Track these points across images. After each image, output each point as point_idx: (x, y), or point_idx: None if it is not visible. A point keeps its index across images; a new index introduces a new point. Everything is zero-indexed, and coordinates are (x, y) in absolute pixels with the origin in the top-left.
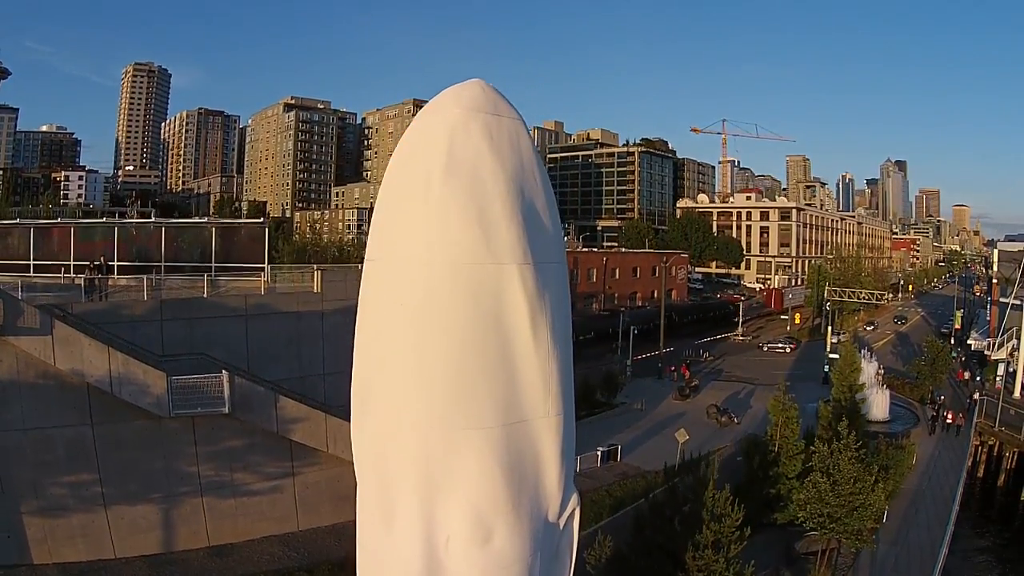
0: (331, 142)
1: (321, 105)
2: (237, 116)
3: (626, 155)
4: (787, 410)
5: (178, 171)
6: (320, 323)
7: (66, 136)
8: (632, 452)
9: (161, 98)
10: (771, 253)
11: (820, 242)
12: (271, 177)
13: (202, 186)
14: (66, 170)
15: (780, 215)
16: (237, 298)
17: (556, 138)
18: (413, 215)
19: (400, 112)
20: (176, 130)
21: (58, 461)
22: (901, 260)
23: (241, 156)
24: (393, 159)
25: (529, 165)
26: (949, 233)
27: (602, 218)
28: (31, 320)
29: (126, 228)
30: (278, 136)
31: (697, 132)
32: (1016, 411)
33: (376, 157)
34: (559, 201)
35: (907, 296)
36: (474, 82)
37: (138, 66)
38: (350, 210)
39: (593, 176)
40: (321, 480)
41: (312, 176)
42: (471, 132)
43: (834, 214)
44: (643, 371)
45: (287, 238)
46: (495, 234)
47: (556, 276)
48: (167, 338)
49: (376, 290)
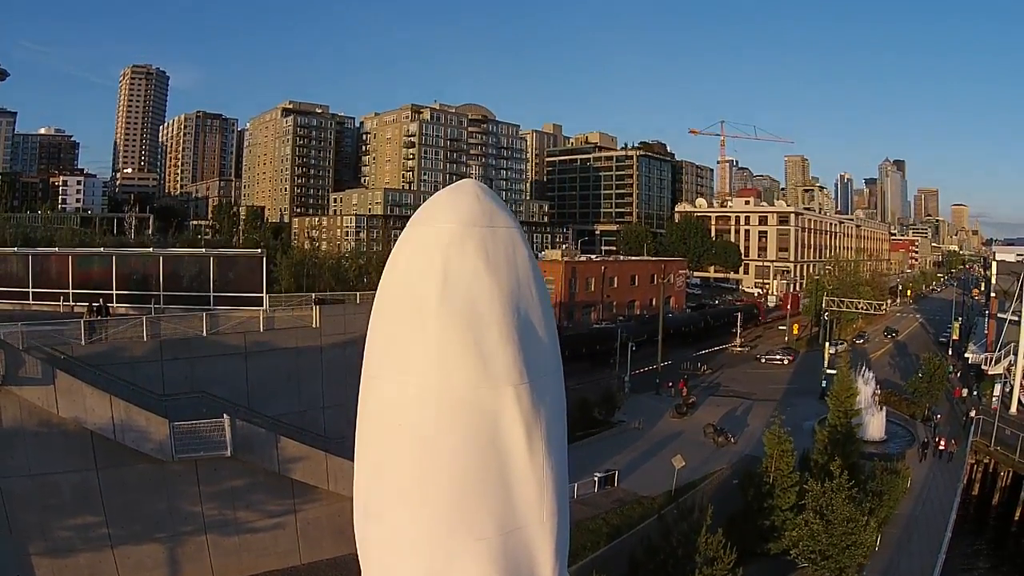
0: (329, 147)
1: (319, 110)
2: (235, 119)
3: (624, 159)
4: (782, 443)
5: (176, 174)
6: (319, 357)
7: (64, 139)
8: (629, 476)
9: (159, 100)
10: (769, 257)
11: (819, 246)
12: (269, 182)
13: (200, 190)
14: (64, 174)
15: (778, 219)
16: (236, 336)
17: (554, 141)
18: (410, 341)
19: (398, 118)
20: (174, 133)
21: (64, 504)
22: (900, 262)
23: (239, 160)
24: (388, 273)
25: (525, 278)
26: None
27: (600, 222)
28: (32, 370)
29: (125, 257)
30: (276, 141)
31: (695, 134)
32: (1012, 431)
33: (374, 163)
34: (558, 205)
35: (905, 301)
36: (468, 189)
37: (136, 68)
38: (348, 216)
39: (591, 180)
40: (322, 516)
41: (310, 181)
42: (466, 252)
43: (833, 217)
44: (642, 386)
45: (285, 250)
46: (492, 360)
47: (552, 387)
48: (168, 377)
49: (376, 407)
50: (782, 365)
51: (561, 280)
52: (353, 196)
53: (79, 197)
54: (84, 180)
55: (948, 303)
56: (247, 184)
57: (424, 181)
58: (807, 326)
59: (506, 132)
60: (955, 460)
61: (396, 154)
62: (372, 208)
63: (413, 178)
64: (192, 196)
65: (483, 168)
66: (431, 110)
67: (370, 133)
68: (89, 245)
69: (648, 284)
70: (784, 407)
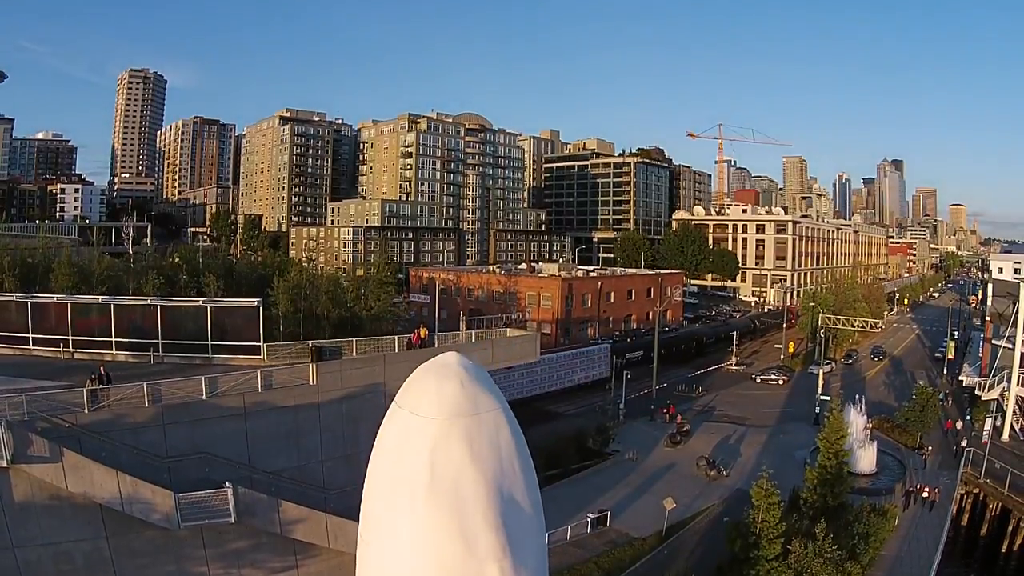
0: (326, 155)
1: (316, 117)
2: (233, 124)
3: (622, 165)
4: (769, 495)
5: (174, 180)
6: (317, 413)
7: (62, 143)
8: (622, 514)
9: (157, 104)
10: (767, 266)
11: (816, 254)
12: (267, 190)
13: (198, 196)
14: (62, 182)
15: (776, 228)
16: (235, 397)
17: (552, 147)
18: (400, 523)
19: (395, 128)
20: (172, 139)
21: (78, 571)
22: (897, 266)
23: (237, 165)
24: (378, 455)
25: (509, 458)
26: (946, 233)
27: (598, 229)
28: (41, 449)
29: (123, 308)
30: (273, 149)
31: (693, 137)
32: (1001, 464)
33: (371, 172)
34: (556, 212)
35: (902, 308)
36: (453, 372)
37: (134, 72)
38: (346, 228)
39: (589, 186)
40: (324, 570)
41: (308, 190)
42: (452, 445)
43: (830, 224)
44: (637, 410)
45: (283, 273)
46: (476, 544)
47: (533, 549)
48: (170, 441)
49: (370, 568)
50: (777, 386)
51: (558, 298)
52: (351, 207)
53: (77, 205)
54: (82, 188)
55: (946, 311)
56: (244, 192)
57: (421, 192)
58: (803, 340)
59: (503, 141)
60: (938, 507)
61: (393, 164)
62: (369, 219)
63: (410, 188)
64: (190, 202)
65: (480, 177)
66: (428, 119)
67: (367, 143)
68: (88, 276)
69: (645, 298)
70: (777, 435)
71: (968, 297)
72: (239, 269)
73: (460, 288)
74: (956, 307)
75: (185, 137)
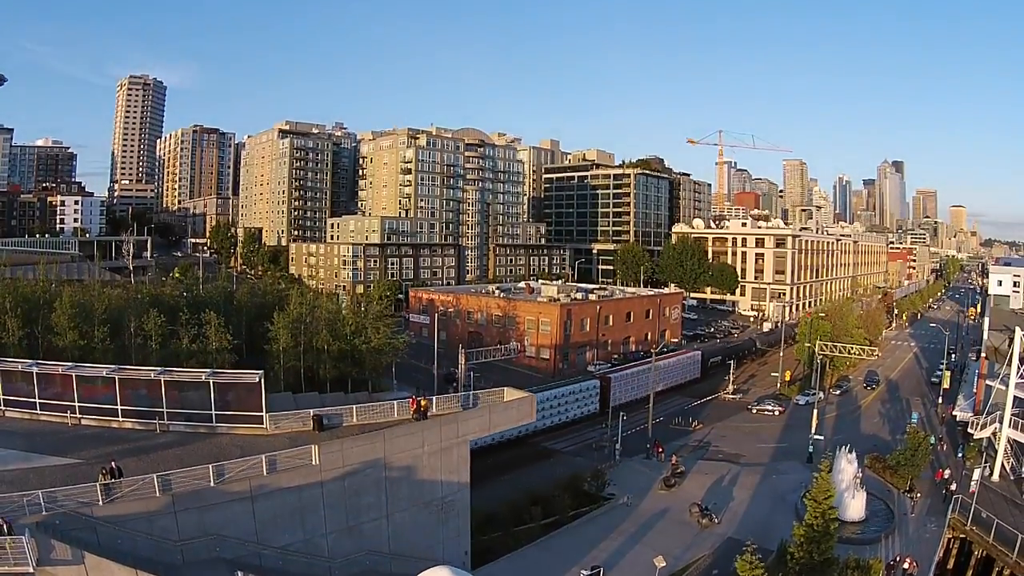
0: (326, 168)
1: (316, 130)
2: (232, 133)
3: (621, 176)
4: (754, 568)
5: (174, 188)
6: (320, 491)
7: (62, 150)
8: (613, 569)
9: (157, 110)
10: (766, 280)
11: (816, 266)
12: (266, 203)
13: (198, 206)
14: (61, 191)
15: (776, 242)
16: (242, 482)
17: (552, 157)
18: None
19: (394, 143)
20: (172, 148)
21: None
22: (897, 272)
23: (236, 174)
24: None
25: None
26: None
27: (598, 240)
28: (63, 553)
29: (127, 380)
30: (273, 163)
31: (694, 144)
32: (988, 515)
33: (371, 187)
34: (555, 223)
35: (900, 324)
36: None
37: (133, 79)
38: (346, 246)
39: (589, 198)
40: None
41: (307, 204)
42: None
43: (830, 236)
44: (633, 446)
45: (282, 308)
46: None
47: None
48: (182, 525)
49: None
50: (773, 416)
51: (557, 323)
52: (350, 222)
53: (77, 217)
54: (81, 200)
55: (945, 324)
56: (244, 204)
57: (421, 208)
58: (799, 364)
59: (503, 156)
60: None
61: (393, 179)
62: (369, 236)
63: (410, 204)
64: (190, 212)
65: (479, 192)
66: (427, 135)
67: (367, 157)
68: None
69: (643, 319)
70: (770, 475)
71: (967, 309)
72: (239, 299)
73: (460, 310)
74: (955, 320)
75: (185, 146)
